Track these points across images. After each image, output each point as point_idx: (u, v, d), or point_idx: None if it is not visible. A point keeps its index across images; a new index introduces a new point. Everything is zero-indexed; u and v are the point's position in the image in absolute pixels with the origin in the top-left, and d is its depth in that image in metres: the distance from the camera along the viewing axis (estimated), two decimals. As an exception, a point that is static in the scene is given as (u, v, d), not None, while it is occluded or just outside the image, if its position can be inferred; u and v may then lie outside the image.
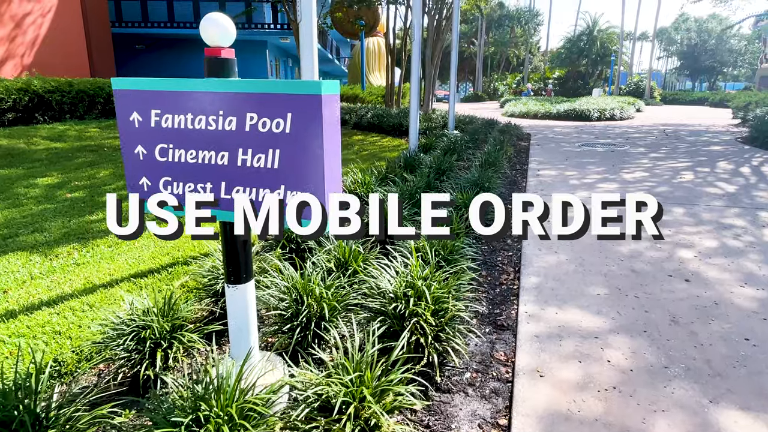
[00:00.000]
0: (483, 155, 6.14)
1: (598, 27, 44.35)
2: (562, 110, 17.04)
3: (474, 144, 8.34)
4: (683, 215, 4.55)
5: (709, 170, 6.66)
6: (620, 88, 39.43)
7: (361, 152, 8.19)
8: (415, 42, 6.35)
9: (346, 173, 4.87)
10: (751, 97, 20.27)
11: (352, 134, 10.82)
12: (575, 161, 7.50)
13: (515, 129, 10.26)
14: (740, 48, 55.23)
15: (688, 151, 8.42)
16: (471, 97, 44.34)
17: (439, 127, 10.18)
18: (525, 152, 8.55)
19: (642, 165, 7.12)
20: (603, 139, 10.21)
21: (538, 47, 58.27)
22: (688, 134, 11.26)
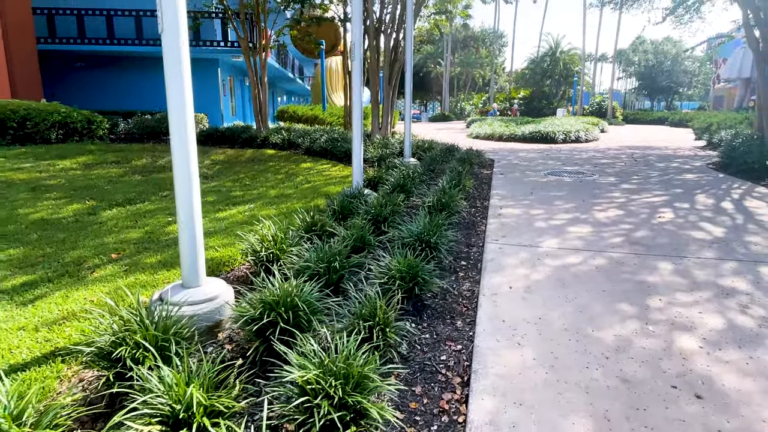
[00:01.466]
0: (436, 194, 5.23)
1: (561, 48, 45.22)
2: (527, 132, 16.56)
3: (431, 175, 7.46)
4: (673, 273, 3.71)
5: (689, 206, 5.95)
6: (583, 108, 40.03)
7: (302, 185, 7.17)
8: (355, 61, 5.46)
9: (262, 217, 3.84)
10: (711, 118, 20.43)
11: (301, 161, 9.81)
12: (541, 194, 6.70)
13: (477, 156, 9.49)
14: (694, 69, 57.51)
15: (662, 181, 7.78)
16: (438, 116, 44.20)
17: (395, 155, 9.30)
18: (487, 183, 7.73)
19: (615, 200, 6.36)
20: (570, 166, 9.54)
21: (503, 68, 59.15)
22: (657, 159, 10.76)
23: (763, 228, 4.95)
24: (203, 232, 4.81)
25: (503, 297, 3.30)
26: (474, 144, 15.72)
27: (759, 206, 5.88)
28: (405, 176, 6.26)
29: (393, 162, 8.06)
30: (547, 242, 4.51)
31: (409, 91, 8.56)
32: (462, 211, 5.52)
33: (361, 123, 5.66)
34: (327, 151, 10.29)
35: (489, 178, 8.13)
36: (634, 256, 4.11)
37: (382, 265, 3.09)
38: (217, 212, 5.53)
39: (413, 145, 9.94)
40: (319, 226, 3.86)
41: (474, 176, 8.05)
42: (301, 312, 2.29)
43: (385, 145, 9.79)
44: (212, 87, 17.38)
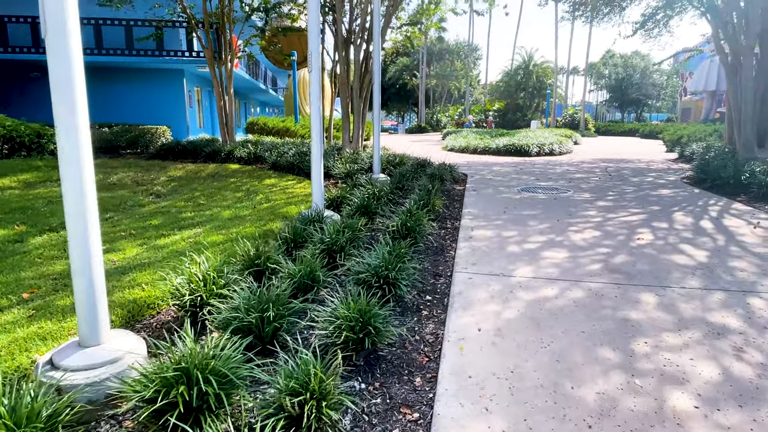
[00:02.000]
0: (402, 216, 4.80)
1: (534, 61, 45.92)
2: (502, 145, 16.40)
3: (399, 193, 7.05)
4: (657, 308, 3.35)
5: (668, 226, 5.67)
6: (557, 120, 40.57)
7: (261, 205, 6.66)
8: (312, 72, 5.02)
9: (207, 245, 3.31)
10: (681, 130, 20.75)
11: (265, 177, 9.29)
12: (515, 213, 6.35)
13: (450, 170, 9.14)
14: (662, 82, 59.30)
15: (638, 198, 7.55)
16: (415, 128, 44.19)
17: (365, 170, 8.87)
18: (459, 200, 7.36)
19: (590, 219, 6.06)
20: (544, 182, 9.28)
21: (478, 80, 59.84)
22: (632, 173, 10.63)
23: (745, 250, 4.68)
24: (137, 263, 4.26)
25: (471, 343, 2.86)
26: (448, 157, 15.46)
27: (738, 225, 5.65)
28: (370, 195, 5.83)
29: (361, 179, 7.62)
30: (521, 270, 4.12)
31: (378, 104, 8.17)
32: (431, 233, 5.10)
33: (321, 138, 5.21)
34: (294, 166, 9.80)
35: (461, 195, 7.77)
36: (614, 287, 3.74)
37: (328, 311, 2.62)
38: (158, 239, 4.97)
39: (384, 160, 9.54)
40: (263, 260, 3.37)
41: (446, 193, 7.68)
42: (212, 388, 1.80)
43: (354, 160, 9.36)
44: (177, 98, 16.71)
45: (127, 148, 13.38)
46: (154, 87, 16.58)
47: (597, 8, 15.11)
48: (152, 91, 16.59)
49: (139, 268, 4.08)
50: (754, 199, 7.05)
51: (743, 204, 6.89)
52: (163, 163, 11.01)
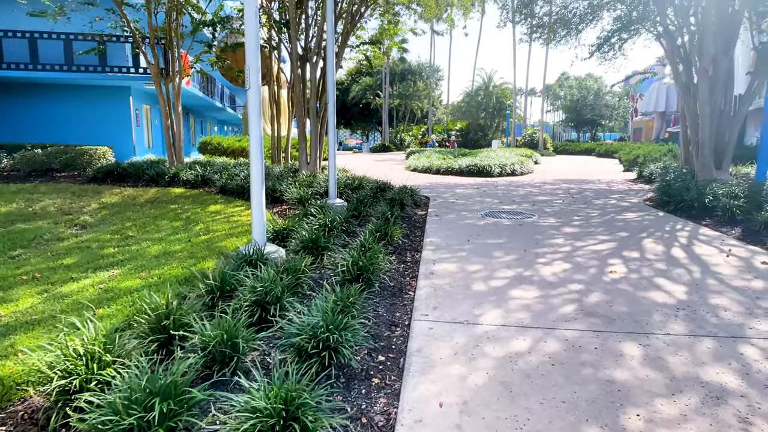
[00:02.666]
0: (355, 253, 4.22)
1: (493, 83, 46.98)
2: (464, 166, 16.19)
3: (356, 221, 6.48)
4: (644, 364, 2.89)
5: (639, 255, 5.34)
6: (516, 140, 41.34)
7: (198, 237, 5.92)
8: (251, 90, 4.43)
9: (122, 292, 2.59)
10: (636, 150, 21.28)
11: (210, 202, 8.52)
12: (479, 243, 5.89)
13: (411, 194, 8.67)
14: (614, 103, 61.95)
15: (604, 222, 7.27)
16: (379, 147, 44.01)
17: (321, 194, 8.27)
18: (421, 227, 6.86)
19: (559, 248, 5.66)
20: (508, 205, 8.95)
21: (440, 100, 60.69)
22: (594, 195, 10.49)
23: (723, 284, 4.36)
24: (26, 319, 3.47)
25: (430, 426, 2.29)
26: (411, 177, 15.08)
27: (710, 253, 5.38)
28: (321, 227, 5.23)
29: (316, 204, 7.01)
30: (488, 315, 3.60)
31: (333, 124, 7.63)
32: (388, 269, 4.54)
33: (261, 164, 4.59)
34: (244, 190, 9.08)
35: (423, 221, 7.28)
36: (592, 336, 3.28)
37: (242, 401, 1.98)
38: (64, 284, 4.18)
39: (342, 183, 8.97)
40: (173, 321, 2.70)
41: (406, 219, 7.17)
42: None
43: (310, 184, 8.74)
44: (122, 117, 15.65)
45: (63, 170, 12.25)
46: (96, 105, 15.47)
47: (554, 30, 15.27)
48: (95, 110, 15.47)
49: (26, 327, 3.30)
50: (720, 223, 6.89)
51: (710, 228, 6.71)
52: (99, 187, 10.03)
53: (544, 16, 15.23)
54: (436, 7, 13.68)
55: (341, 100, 56.33)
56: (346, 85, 56.04)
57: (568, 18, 14.83)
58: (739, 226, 6.68)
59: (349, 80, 56.43)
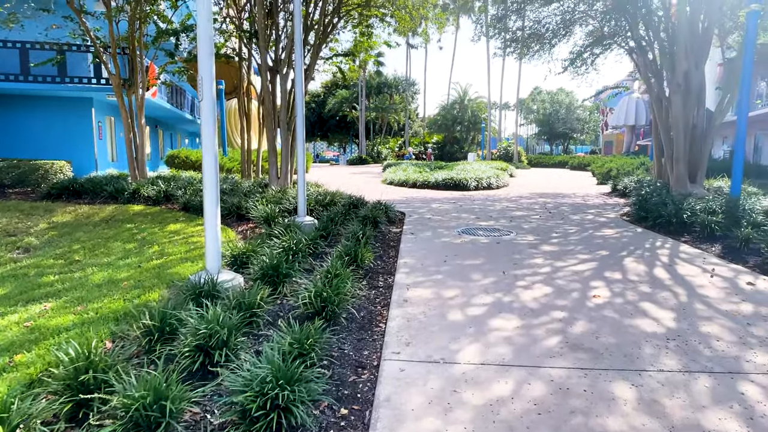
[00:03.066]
0: (319, 282, 3.83)
1: (468, 96, 47.46)
2: (441, 179, 15.99)
3: (325, 241, 6.08)
4: (638, 409, 2.57)
5: (621, 276, 5.10)
6: (492, 153, 41.72)
7: (151, 261, 5.41)
8: (205, 101, 4.03)
9: (50, 332, 2.13)
10: (609, 163, 21.55)
11: (171, 220, 7.99)
12: (456, 264, 5.57)
13: (386, 210, 8.33)
14: (585, 117, 63.47)
15: (583, 240, 7.06)
16: (356, 159, 43.75)
17: (290, 211, 7.85)
18: (395, 246, 6.51)
19: (538, 270, 5.38)
20: (485, 221, 8.69)
21: (417, 113, 61.04)
22: (571, 210, 10.36)
23: (711, 308, 4.12)
24: None
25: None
26: (387, 191, 14.78)
27: (694, 273, 5.19)
28: (285, 250, 4.81)
29: (283, 223, 6.59)
30: (466, 351, 3.25)
31: (302, 137, 7.25)
32: (357, 296, 4.16)
33: (216, 182, 4.18)
34: (209, 208, 8.56)
35: (398, 240, 6.93)
36: (580, 375, 2.95)
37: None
38: (-16, 321, 3.65)
39: (312, 200, 8.56)
40: (89, 378, 2.24)
41: (380, 238, 6.81)
42: None
43: (278, 200, 8.30)
44: (83, 130, 14.89)
45: (15, 186, 11.47)
46: (56, 117, 14.67)
47: (527, 45, 15.33)
48: (54, 122, 14.66)
49: None
50: (699, 240, 6.77)
51: (690, 245, 6.57)
52: (52, 204, 9.35)
53: (517, 31, 15.29)
54: (411, 20, 13.53)
55: (317, 112, 56.06)
56: (323, 97, 55.81)
57: (540, 33, 14.91)
58: (719, 242, 6.55)
59: (325, 93, 56.24)
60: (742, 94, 8.22)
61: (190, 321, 2.89)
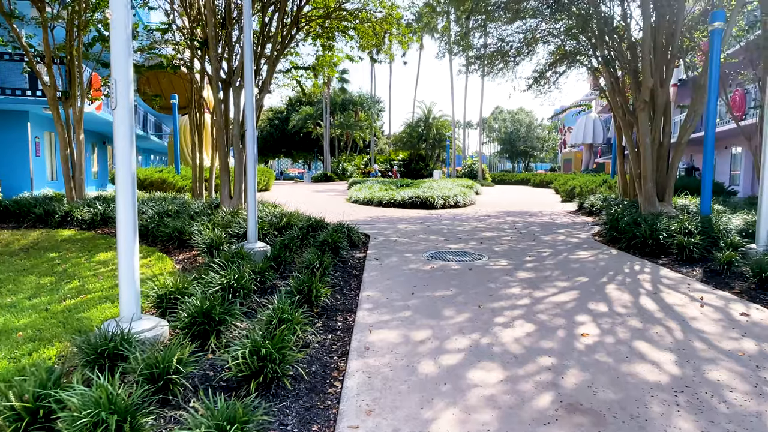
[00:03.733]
0: (257, 336, 3.10)
1: (433, 115, 47.79)
2: (407, 198, 15.49)
3: (276, 271, 5.34)
4: (668, 506, 1.99)
5: (607, 308, 4.61)
6: (457, 170, 41.92)
7: (63, 302, 4.51)
8: (118, 109, 3.29)
9: None
10: (571, 180, 21.69)
11: (103, 248, 7.03)
12: (426, 297, 4.95)
13: (349, 233, 7.67)
14: (545, 136, 65.28)
15: (558, 264, 6.61)
16: (320, 177, 42.87)
17: (239, 236, 7.05)
18: (357, 276, 5.84)
19: (517, 302, 4.83)
20: (454, 244, 8.16)
21: (382, 131, 61.02)
22: (541, 230, 10.00)
23: (712, 347, 3.66)
24: None
25: None
26: (352, 209, 14.12)
27: (682, 303, 4.76)
28: (224, 288, 4.06)
29: (231, 250, 5.80)
30: (442, 421, 2.60)
31: (253, 154, 6.52)
32: (309, 344, 3.45)
33: (133, 209, 3.41)
34: (148, 231, 7.66)
35: (361, 267, 6.27)
36: (586, 451, 2.36)
37: None
38: None
39: (267, 223, 7.79)
40: None
41: (341, 266, 6.12)
42: None
43: (228, 223, 7.49)
44: (18, 146, 13.57)
45: None
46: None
47: (492, 63, 15.21)
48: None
49: None
50: (678, 263, 6.43)
51: (669, 269, 6.21)
52: (-35, 229, 8.17)
53: (481, 48, 15.15)
54: (374, 35, 13.11)
55: (281, 128, 55.07)
56: (286, 113, 54.94)
57: (504, 51, 14.82)
58: (699, 265, 6.23)
59: (288, 109, 55.41)
60: (709, 111, 8.12)
61: (72, 402, 2.12)
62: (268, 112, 57.37)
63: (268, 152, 58.46)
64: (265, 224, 7.44)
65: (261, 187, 24.00)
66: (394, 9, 12.35)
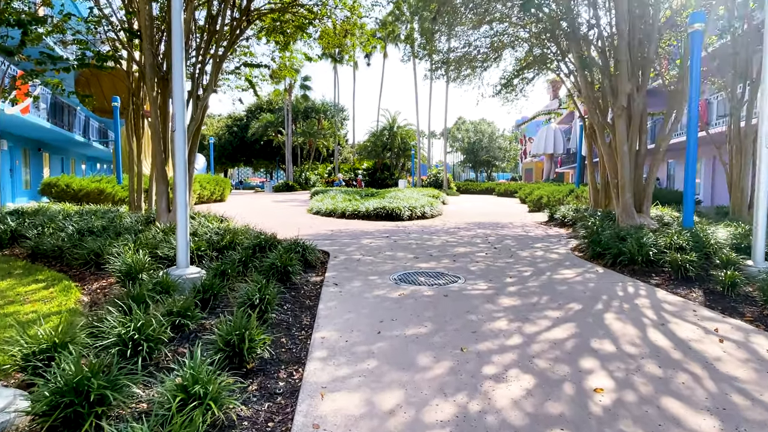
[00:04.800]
0: (156, 417, 2.06)
1: (397, 124, 47.25)
2: (372, 209, 14.57)
3: (206, 309, 4.26)
4: None
5: (614, 348, 3.80)
6: (422, 179, 41.47)
7: None
8: None
9: None
10: (537, 190, 21.36)
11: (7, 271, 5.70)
12: (394, 337, 4.01)
13: (304, 251, 6.65)
14: (506, 146, 66.21)
15: (543, 286, 5.82)
16: (282, 186, 41.36)
17: (171, 259, 5.89)
18: (312, 307, 4.83)
19: (506, 341, 3.96)
20: (425, 262, 7.28)
21: (346, 140, 60.10)
22: (515, 243, 9.28)
23: (756, 402, 2.89)
24: None
25: None
26: (312, 223, 13.05)
27: (696, 337, 4.02)
28: (120, 340, 2.97)
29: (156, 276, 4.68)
30: None
31: (183, 160, 5.44)
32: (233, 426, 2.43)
33: None
34: (62, 253, 6.38)
35: (316, 296, 5.26)
36: None
37: None
38: None
39: (204, 241, 6.65)
40: None
41: (292, 296, 5.09)
42: None
43: (157, 244, 6.29)
44: None
45: None
46: None
47: (458, 68, 14.61)
48: None
49: None
50: (673, 282, 5.77)
51: (666, 290, 5.52)
52: None
53: (448, 52, 14.52)
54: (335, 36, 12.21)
55: (240, 136, 53.18)
56: (246, 121, 53.16)
57: (471, 56, 14.25)
58: (696, 285, 5.59)
59: (248, 116, 53.64)
60: (691, 115, 7.65)
61: None
62: (227, 119, 55.38)
63: (227, 161, 56.34)
64: (202, 244, 6.30)
65: (215, 197, 22.51)
66: (357, 9, 11.50)
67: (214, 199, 22.40)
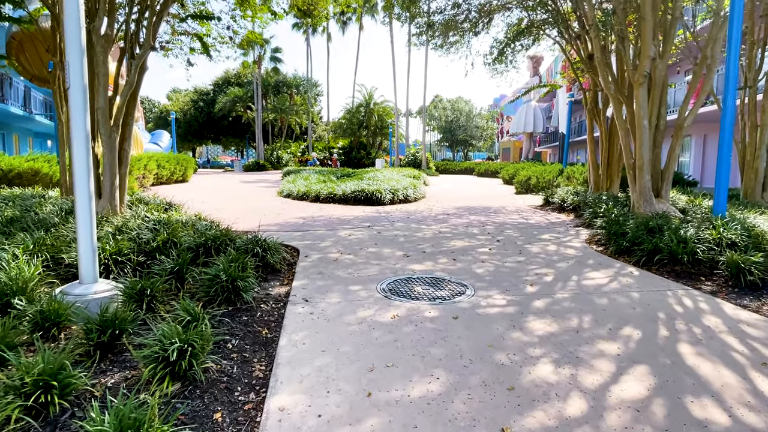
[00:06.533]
0: None
1: (374, 100, 45.34)
2: (350, 191, 13.09)
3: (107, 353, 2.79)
4: None
5: (728, 418, 2.54)
6: (400, 159, 39.98)
7: None
8: None
9: None
10: (523, 170, 20.20)
11: None
12: (393, 402, 2.64)
13: (264, 252, 5.18)
14: (483, 125, 65.14)
15: (577, 299, 4.54)
16: (252, 165, 39.18)
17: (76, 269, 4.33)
18: (269, 342, 3.42)
19: (566, 408, 2.65)
20: (418, 262, 5.92)
21: (320, 117, 57.79)
22: (518, 233, 8.01)
23: None
24: None
25: None
26: (283, 207, 11.50)
27: (830, 390, 2.80)
28: None
29: (41, 303, 3.17)
30: None
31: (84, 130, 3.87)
32: None
33: None
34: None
35: (278, 321, 3.83)
36: None
37: None
38: None
39: (134, 239, 5.10)
40: None
41: (242, 323, 3.65)
42: None
43: (64, 246, 4.71)
44: None
45: None
46: None
47: (445, 33, 13.07)
48: None
49: None
50: (733, 290, 4.58)
51: (731, 302, 4.32)
52: None
53: (434, 14, 12.94)
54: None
55: (207, 112, 50.25)
56: (212, 95, 50.19)
57: (460, 19, 12.73)
58: (765, 295, 4.42)
59: (215, 90, 50.65)
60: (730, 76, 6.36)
61: None
62: (192, 93, 52.16)
63: (193, 138, 53.35)
64: (125, 245, 4.73)
65: (176, 178, 20.53)
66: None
67: (175, 179, 20.43)
